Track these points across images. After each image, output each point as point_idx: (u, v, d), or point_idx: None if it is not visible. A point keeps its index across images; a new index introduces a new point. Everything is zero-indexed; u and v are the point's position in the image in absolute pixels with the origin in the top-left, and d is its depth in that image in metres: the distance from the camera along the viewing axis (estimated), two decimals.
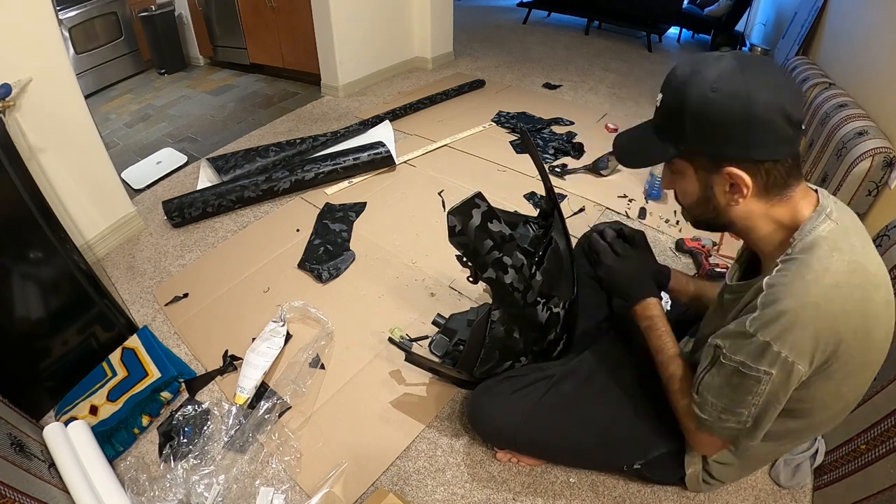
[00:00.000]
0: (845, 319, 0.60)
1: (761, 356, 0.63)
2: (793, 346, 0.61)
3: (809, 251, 0.62)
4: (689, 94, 0.64)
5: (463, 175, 2.18)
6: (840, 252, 0.61)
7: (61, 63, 1.51)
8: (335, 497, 1.06)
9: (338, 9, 2.78)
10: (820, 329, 0.60)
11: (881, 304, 0.63)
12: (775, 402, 0.67)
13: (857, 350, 0.63)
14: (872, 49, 1.96)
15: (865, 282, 0.61)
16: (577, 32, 4.43)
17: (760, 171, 0.64)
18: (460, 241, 0.87)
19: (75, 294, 1.32)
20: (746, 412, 0.68)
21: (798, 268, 0.62)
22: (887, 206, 1.52)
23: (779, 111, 0.60)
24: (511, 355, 1.05)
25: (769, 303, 0.63)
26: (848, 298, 0.60)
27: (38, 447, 1.04)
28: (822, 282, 0.60)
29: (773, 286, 0.63)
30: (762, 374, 0.64)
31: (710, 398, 0.72)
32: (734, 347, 0.66)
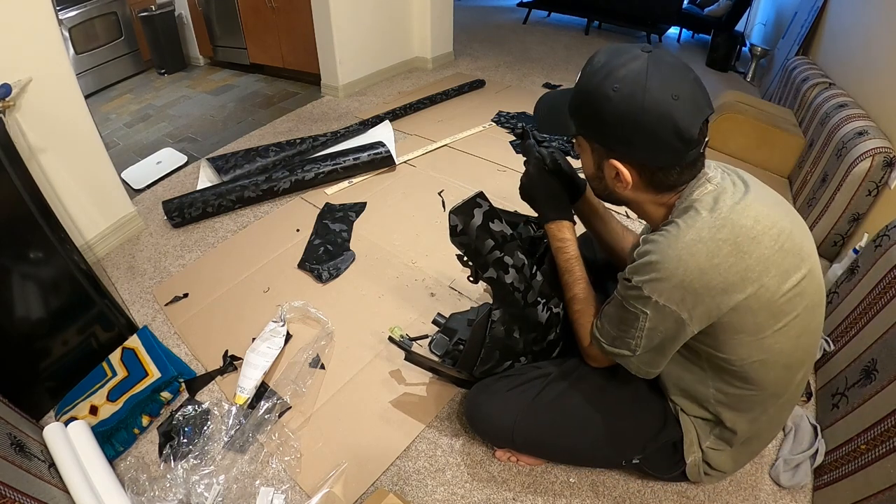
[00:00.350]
0: (715, 272, 0.65)
1: (635, 297, 0.72)
2: (660, 293, 0.69)
3: (681, 214, 0.70)
4: (595, 86, 0.68)
5: (463, 175, 2.18)
6: (709, 212, 0.68)
7: (61, 63, 1.51)
8: (335, 497, 1.06)
9: (338, 9, 2.78)
10: (685, 281, 0.66)
11: (768, 253, 0.66)
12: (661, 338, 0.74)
13: (753, 300, 0.67)
14: (872, 49, 1.96)
15: (736, 235, 0.66)
16: (577, 32, 4.43)
17: (645, 171, 0.71)
18: (462, 240, 0.87)
19: (75, 294, 1.32)
20: (633, 342, 0.77)
21: (668, 228, 0.70)
22: (887, 206, 1.52)
23: (668, 124, 0.64)
24: (511, 355, 1.05)
25: (641, 255, 0.71)
26: (715, 253, 0.65)
27: (38, 447, 1.04)
28: (683, 238, 0.67)
29: (646, 241, 0.71)
30: (639, 312, 0.73)
31: (605, 325, 0.82)
32: (620, 286, 0.76)
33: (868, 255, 1.20)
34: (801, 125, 2.19)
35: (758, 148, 2.21)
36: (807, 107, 2.17)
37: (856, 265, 1.25)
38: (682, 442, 0.92)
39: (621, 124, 0.67)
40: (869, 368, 1.01)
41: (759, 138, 2.18)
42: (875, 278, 1.11)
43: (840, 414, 1.06)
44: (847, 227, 1.66)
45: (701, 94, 0.67)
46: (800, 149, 2.10)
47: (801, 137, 2.10)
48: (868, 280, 1.14)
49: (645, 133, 0.66)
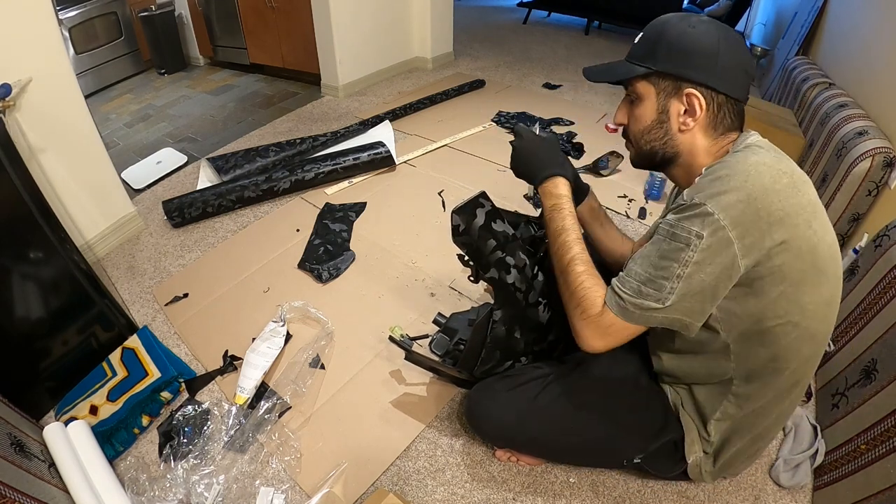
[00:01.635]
0: (776, 196, 0.64)
1: (694, 216, 0.65)
2: (725, 207, 0.63)
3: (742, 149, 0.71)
4: (669, 27, 0.74)
5: (463, 175, 2.18)
6: (766, 150, 0.70)
7: (61, 63, 1.51)
8: (335, 497, 1.06)
9: (338, 9, 2.78)
10: (750, 196, 0.63)
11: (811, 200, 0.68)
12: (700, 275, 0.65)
13: (802, 240, 0.66)
14: (872, 49, 1.96)
15: (793, 173, 0.67)
16: (577, 32, 4.43)
17: (714, 103, 0.73)
18: (464, 240, 0.87)
19: (75, 294, 1.32)
20: (669, 285, 0.67)
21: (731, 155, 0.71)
22: (887, 206, 1.52)
23: (739, 60, 0.72)
24: (512, 355, 1.05)
25: (704, 175, 0.69)
26: (776, 179, 0.65)
27: (38, 447, 1.04)
28: (750, 159, 0.67)
29: (710, 167, 0.70)
30: (692, 237, 0.65)
31: (635, 269, 0.71)
32: (670, 213, 0.70)
33: (868, 255, 1.20)
34: (801, 125, 2.19)
35: None
36: (807, 107, 2.17)
37: (856, 265, 1.25)
38: (682, 441, 0.91)
39: (703, 52, 0.71)
40: (869, 368, 1.01)
41: None
42: (875, 278, 1.11)
43: (840, 414, 1.06)
44: (847, 227, 1.66)
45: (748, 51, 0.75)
46: (800, 149, 2.10)
47: (801, 137, 2.10)
48: (868, 280, 1.14)
49: (724, 60, 0.71)
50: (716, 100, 0.73)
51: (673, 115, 0.75)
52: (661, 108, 0.76)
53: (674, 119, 0.76)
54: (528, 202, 1.98)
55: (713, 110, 0.74)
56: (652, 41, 0.75)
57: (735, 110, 0.74)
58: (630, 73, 0.78)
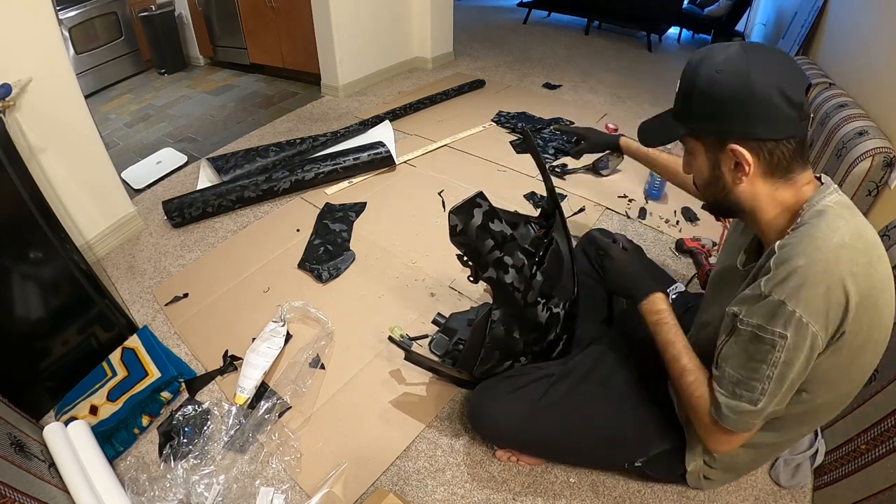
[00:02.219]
0: (853, 281, 0.61)
1: (775, 316, 0.63)
2: (806, 304, 0.61)
3: (818, 216, 0.65)
4: (699, 75, 0.69)
5: (463, 175, 2.18)
6: (845, 220, 0.64)
7: (61, 63, 1.51)
8: (335, 497, 1.06)
9: (338, 9, 2.78)
10: (831, 287, 0.61)
11: (884, 275, 0.65)
12: (790, 373, 0.65)
13: (866, 321, 0.64)
14: (872, 49, 1.96)
15: (869, 249, 0.64)
16: (577, 32, 4.43)
17: (763, 151, 0.67)
18: (462, 240, 0.87)
19: (75, 294, 1.32)
20: (760, 386, 0.67)
21: (808, 230, 0.64)
22: (887, 206, 1.52)
23: (776, 90, 0.64)
24: (511, 355, 1.05)
25: (781, 262, 0.64)
26: (854, 261, 0.62)
27: (38, 447, 1.04)
28: (830, 240, 0.62)
29: (784, 247, 0.65)
30: (777, 338, 0.64)
31: (727, 369, 0.71)
32: (749, 311, 0.67)
33: None
34: None
35: None
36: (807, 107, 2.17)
37: None
38: (684, 448, 0.91)
39: (734, 99, 0.66)
40: None
41: None
42: None
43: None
44: None
45: (795, 65, 0.67)
46: None
47: None
48: None
49: (758, 102, 0.65)
50: (764, 147, 0.67)
51: (724, 170, 0.72)
52: (713, 164, 0.73)
53: (727, 174, 0.72)
54: (528, 202, 1.98)
55: (765, 158, 0.68)
56: (687, 94, 0.71)
57: (791, 150, 0.67)
58: (673, 137, 0.76)
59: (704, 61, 0.68)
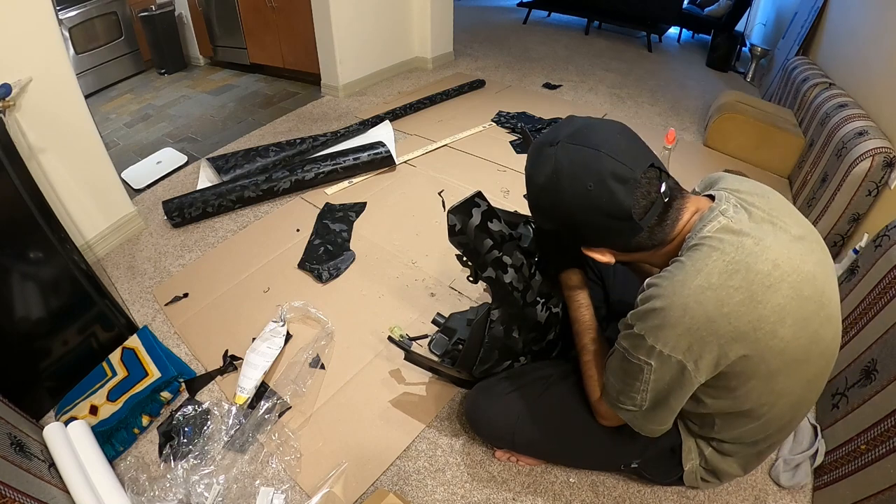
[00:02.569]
0: (725, 321, 0.61)
1: (638, 346, 0.68)
2: (665, 342, 0.65)
3: (690, 252, 0.65)
4: (531, 197, 0.74)
5: (463, 175, 2.18)
6: (721, 252, 0.62)
7: (61, 63, 1.51)
8: (335, 497, 1.06)
9: (338, 9, 2.78)
10: (691, 329, 0.62)
11: (784, 302, 0.62)
12: (668, 391, 0.69)
13: (768, 353, 0.63)
14: (872, 49, 1.96)
15: (750, 282, 0.61)
16: (577, 32, 4.43)
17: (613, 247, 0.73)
18: (460, 240, 0.87)
19: (75, 294, 1.32)
20: (639, 397, 0.73)
21: (674, 269, 0.66)
22: (887, 206, 1.52)
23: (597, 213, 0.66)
24: (510, 355, 1.05)
25: (644, 300, 0.67)
26: (723, 301, 0.61)
27: (38, 447, 1.04)
28: (690, 284, 0.62)
29: (650, 286, 0.67)
30: (643, 364, 0.68)
31: (611, 379, 0.78)
32: (622, 336, 0.72)
33: (868, 255, 1.20)
34: (801, 125, 2.19)
35: (758, 148, 2.21)
36: (807, 107, 2.17)
37: (856, 265, 1.25)
38: (680, 448, 0.91)
39: (566, 227, 0.72)
40: (869, 368, 1.01)
41: (759, 138, 2.18)
42: (875, 278, 1.11)
43: (840, 414, 1.06)
44: (847, 227, 1.66)
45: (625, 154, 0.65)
46: (800, 149, 2.10)
47: (801, 137, 2.10)
48: (868, 280, 1.14)
49: (586, 227, 0.69)
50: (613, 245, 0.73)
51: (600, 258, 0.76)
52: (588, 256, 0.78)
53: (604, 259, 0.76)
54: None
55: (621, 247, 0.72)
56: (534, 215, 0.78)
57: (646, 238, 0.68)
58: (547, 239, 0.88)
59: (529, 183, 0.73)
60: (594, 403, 0.87)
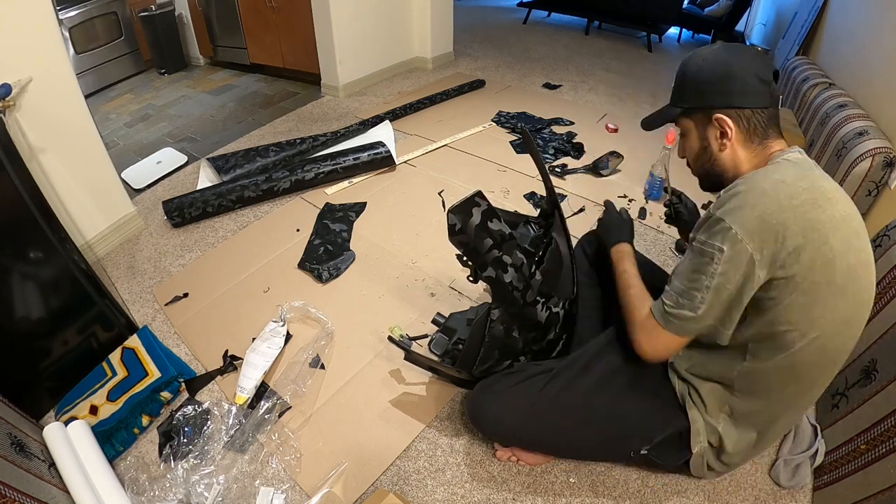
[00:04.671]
0: (792, 213, 0.69)
1: (715, 231, 0.73)
2: (742, 222, 0.70)
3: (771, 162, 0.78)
4: (689, 66, 0.85)
5: (463, 175, 2.18)
6: (795, 166, 0.75)
7: (61, 63, 1.51)
8: (335, 497, 1.06)
9: (338, 9, 2.78)
10: (765, 212, 0.70)
11: (835, 217, 0.70)
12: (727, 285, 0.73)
13: (817, 257, 0.69)
14: (872, 49, 1.96)
15: (814, 189, 0.71)
16: (577, 32, 4.43)
17: (742, 118, 0.80)
18: (460, 239, 0.87)
19: (75, 294, 1.32)
20: (700, 295, 0.76)
21: (756, 171, 0.78)
22: (887, 206, 1.52)
23: (749, 71, 0.79)
24: (510, 354, 1.05)
25: (728, 190, 0.76)
26: (794, 195, 0.70)
27: (38, 447, 1.04)
28: (770, 176, 0.74)
29: (736, 184, 0.76)
30: (715, 251, 0.73)
31: (675, 282, 0.81)
32: (698, 230, 0.78)
33: None
34: (801, 125, 2.19)
35: None
36: (807, 107, 2.17)
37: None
38: (688, 431, 0.91)
39: (717, 79, 0.80)
40: (869, 368, 1.01)
41: None
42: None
43: (840, 414, 1.06)
44: None
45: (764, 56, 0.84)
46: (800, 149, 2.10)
47: (801, 137, 2.10)
48: None
49: (736, 80, 0.79)
50: (742, 115, 0.80)
51: (712, 140, 0.84)
52: (702, 136, 0.86)
53: (713, 143, 0.84)
54: (528, 202, 1.98)
55: (743, 125, 0.80)
56: (680, 83, 0.87)
57: (764, 118, 0.80)
58: (670, 116, 0.90)
59: (693, 56, 0.85)
60: (640, 322, 0.87)
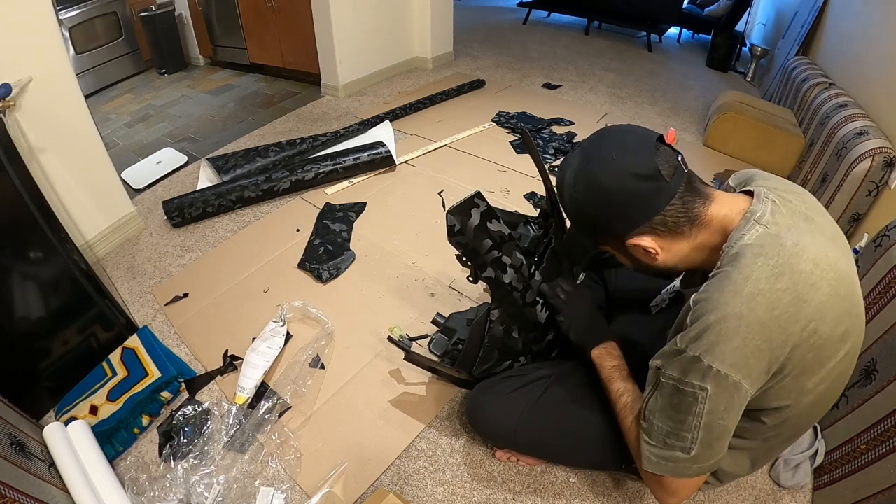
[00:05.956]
0: (776, 325, 0.61)
1: (692, 371, 0.65)
2: (723, 358, 0.62)
3: (733, 262, 0.64)
4: (566, 202, 0.76)
5: (463, 175, 2.18)
6: (765, 258, 0.63)
7: (61, 63, 1.51)
8: (335, 497, 1.06)
9: (338, 9, 2.78)
10: (747, 339, 0.61)
11: (824, 301, 0.62)
12: (718, 421, 0.66)
13: (808, 350, 0.63)
14: (872, 49, 1.96)
15: (795, 284, 0.62)
16: (577, 32, 4.43)
17: (655, 228, 0.70)
18: (459, 240, 0.87)
19: (75, 294, 1.32)
20: (689, 436, 0.68)
21: (720, 281, 0.64)
22: (887, 206, 1.52)
23: (627, 177, 0.68)
24: (510, 355, 1.05)
25: (695, 319, 0.65)
26: (775, 304, 0.61)
27: (38, 447, 1.04)
28: (741, 292, 0.62)
29: (698, 302, 0.66)
30: (697, 391, 0.65)
31: (655, 422, 0.72)
32: (669, 365, 0.68)
33: (868, 255, 1.20)
34: (801, 125, 2.19)
35: (758, 148, 2.21)
36: (807, 107, 2.17)
37: (856, 265, 1.25)
38: None
39: (601, 208, 0.71)
40: (869, 368, 1.01)
41: (759, 138, 2.18)
42: (875, 278, 1.11)
43: (840, 414, 1.06)
44: (847, 227, 1.66)
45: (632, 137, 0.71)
46: (800, 149, 2.10)
47: (801, 137, 2.10)
48: (868, 280, 1.14)
49: (622, 198, 0.69)
50: (655, 225, 0.69)
51: (641, 257, 0.75)
52: (629, 257, 0.78)
53: (644, 258, 0.75)
54: (528, 202, 1.98)
55: (662, 230, 0.70)
56: (574, 217, 0.78)
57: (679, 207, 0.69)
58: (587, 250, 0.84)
59: (562, 187, 0.75)
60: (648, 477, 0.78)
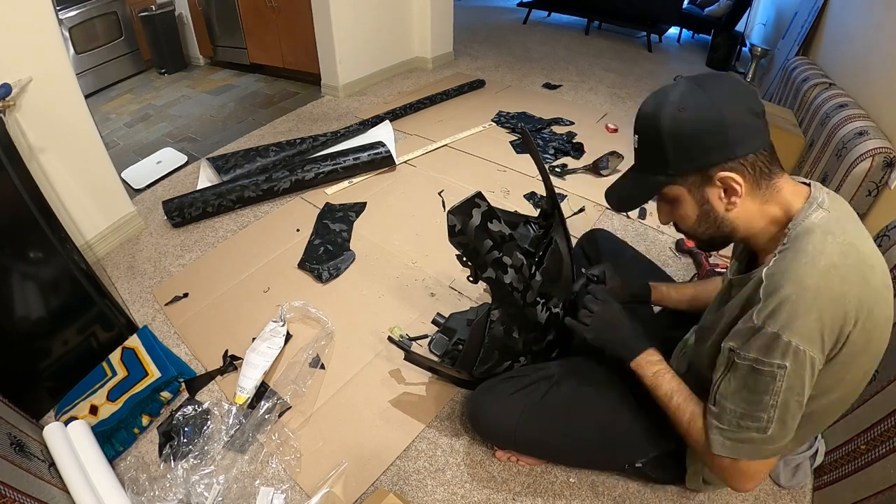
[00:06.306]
0: (845, 301, 0.61)
1: (772, 348, 0.63)
2: (801, 333, 0.61)
3: (804, 237, 0.64)
4: (662, 121, 0.68)
5: (463, 175, 2.18)
6: (833, 235, 0.63)
7: (61, 63, 1.51)
8: (335, 497, 1.06)
9: (338, 9, 2.78)
10: (823, 312, 0.61)
11: (878, 285, 0.64)
12: (794, 398, 0.65)
13: (861, 332, 0.63)
14: (872, 49, 1.96)
15: (860, 262, 0.63)
16: (577, 32, 4.43)
17: (746, 167, 0.67)
18: (460, 240, 0.87)
19: (75, 294, 1.32)
20: (765, 415, 0.66)
21: (794, 254, 0.64)
22: (887, 206, 1.52)
23: (744, 108, 0.66)
24: (510, 355, 1.05)
25: (770, 292, 0.64)
26: (845, 279, 0.61)
27: (38, 447, 1.04)
28: (817, 265, 0.62)
29: (772, 275, 0.65)
30: (776, 369, 0.63)
31: (728, 405, 0.70)
32: (745, 345, 0.66)
33: None
34: (801, 125, 2.19)
35: None
36: (807, 107, 2.17)
37: None
38: (685, 449, 0.91)
39: (707, 131, 0.66)
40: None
41: None
42: None
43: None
44: None
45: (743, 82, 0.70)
46: (800, 149, 2.10)
47: (801, 137, 2.10)
48: None
49: (732, 125, 0.65)
50: (747, 164, 0.67)
51: (715, 201, 0.71)
52: (701, 201, 0.72)
53: (717, 204, 0.71)
54: (528, 202, 1.98)
55: (749, 173, 0.68)
56: (654, 143, 0.70)
57: (766, 156, 0.68)
58: (654, 189, 0.74)
59: (660, 106, 0.68)
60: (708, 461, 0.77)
